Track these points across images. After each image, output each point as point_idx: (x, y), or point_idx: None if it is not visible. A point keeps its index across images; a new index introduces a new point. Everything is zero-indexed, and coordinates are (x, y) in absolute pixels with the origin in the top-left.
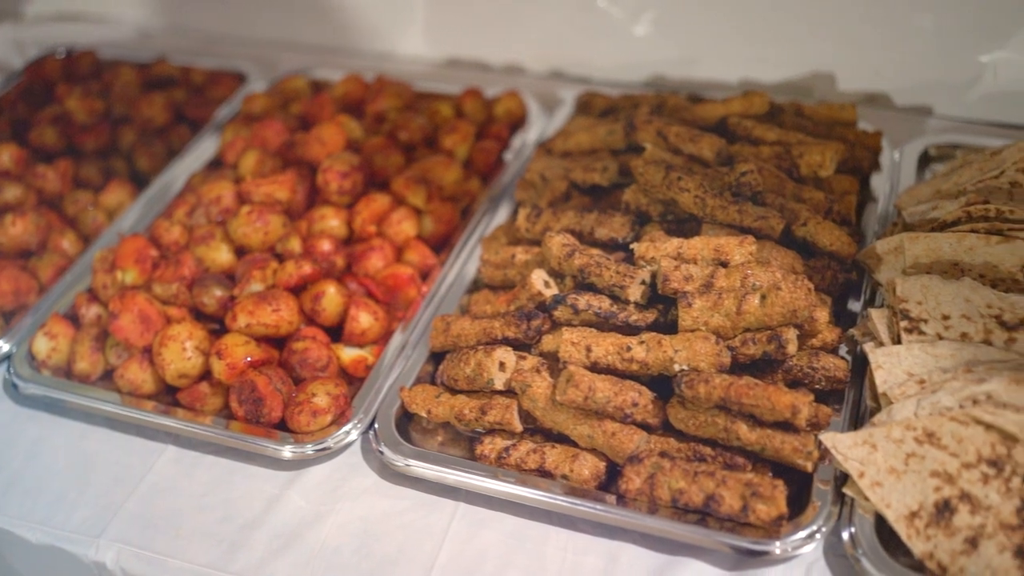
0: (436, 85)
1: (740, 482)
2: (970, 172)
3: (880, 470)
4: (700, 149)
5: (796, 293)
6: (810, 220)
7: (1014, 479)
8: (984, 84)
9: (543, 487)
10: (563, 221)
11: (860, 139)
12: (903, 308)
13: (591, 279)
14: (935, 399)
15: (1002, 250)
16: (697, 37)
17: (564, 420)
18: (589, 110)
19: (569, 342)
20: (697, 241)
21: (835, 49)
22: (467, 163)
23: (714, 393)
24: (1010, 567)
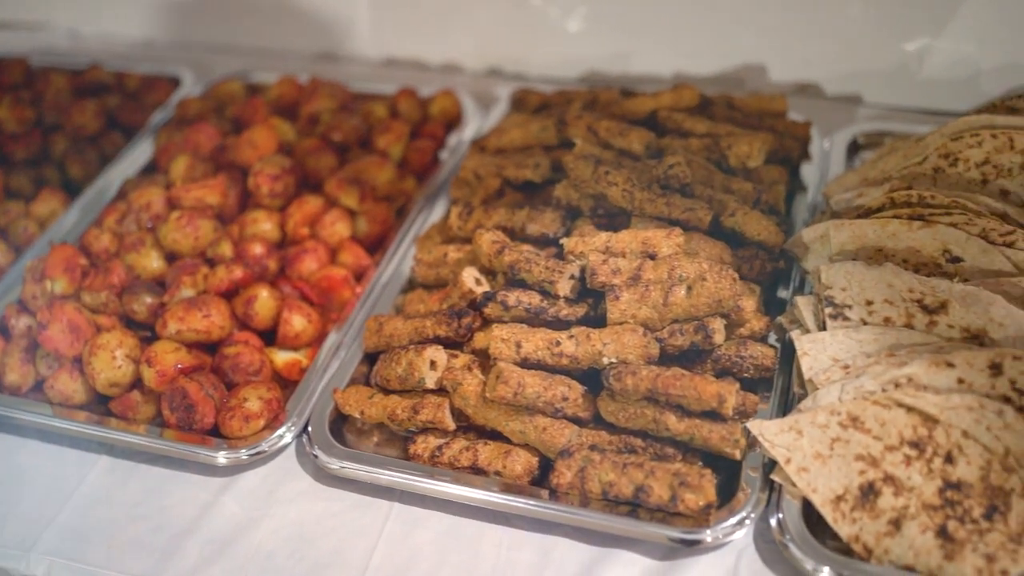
0: (372, 85)
1: (669, 472)
2: (895, 159)
3: (806, 455)
4: (629, 143)
5: (721, 283)
6: (738, 211)
7: (935, 460)
8: (911, 72)
9: (476, 484)
10: (495, 218)
11: (790, 129)
12: (828, 295)
13: (521, 275)
14: (858, 383)
15: (924, 235)
16: (630, 32)
17: (496, 417)
18: (523, 107)
19: (499, 339)
20: (625, 234)
21: (766, 40)
22: (402, 163)
23: (641, 385)
24: (932, 547)
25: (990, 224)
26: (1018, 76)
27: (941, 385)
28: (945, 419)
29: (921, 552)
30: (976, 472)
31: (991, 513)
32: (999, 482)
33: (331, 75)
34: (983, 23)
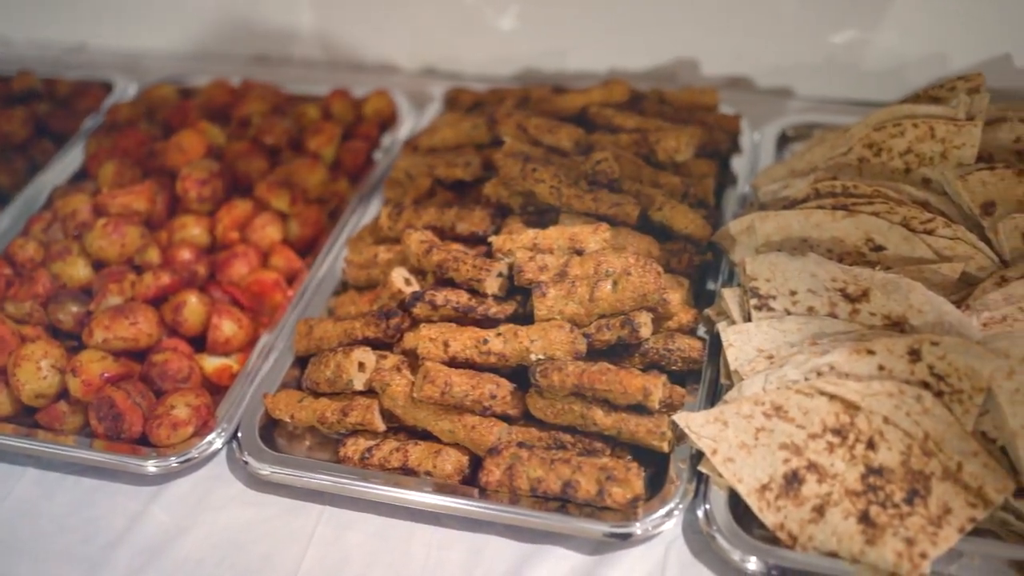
0: (307, 87)
1: (595, 467)
2: (822, 150)
3: (732, 446)
4: (558, 139)
5: (645, 277)
6: (665, 205)
7: (858, 446)
8: (840, 64)
9: (406, 485)
10: (424, 218)
11: (719, 123)
12: (753, 286)
13: (449, 274)
14: (782, 373)
15: (847, 224)
16: (564, 29)
17: (425, 416)
18: (457, 106)
19: (427, 338)
20: (553, 231)
21: (698, 35)
22: (335, 164)
23: (568, 380)
24: (854, 532)
25: (911, 212)
26: (943, 66)
27: (862, 372)
28: (866, 406)
29: (843, 538)
30: (897, 457)
31: (912, 497)
32: (919, 466)
33: (268, 78)
34: (909, 15)
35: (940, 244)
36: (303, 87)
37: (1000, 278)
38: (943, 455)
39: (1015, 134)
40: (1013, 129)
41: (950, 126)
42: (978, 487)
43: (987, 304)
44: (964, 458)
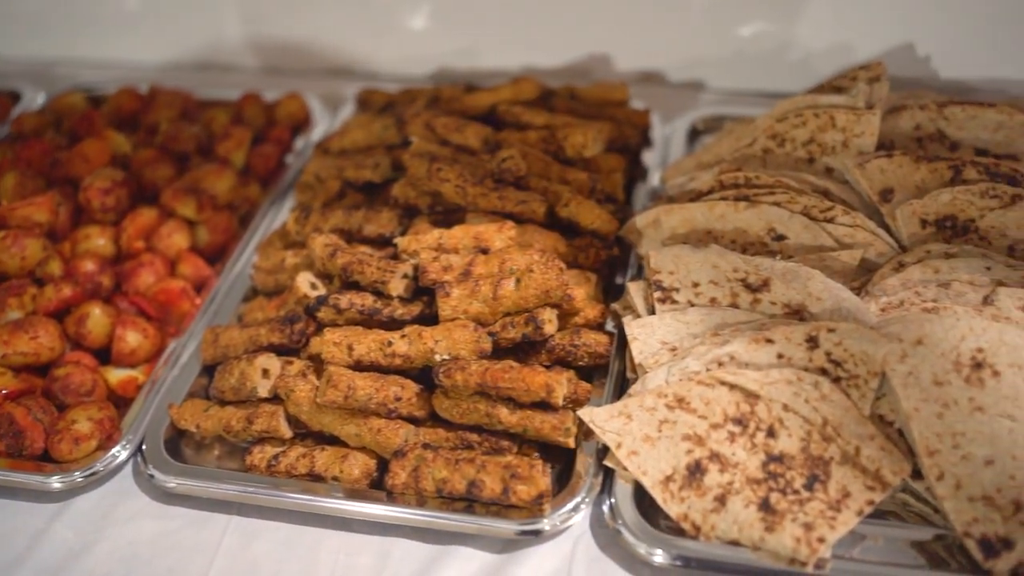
0: (220, 92)
1: (500, 465)
2: (728, 142)
3: (636, 439)
4: (466, 138)
5: (548, 274)
6: (572, 201)
7: (758, 434)
8: (748, 56)
9: (313, 491)
10: (332, 221)
11: (629, 117)
12: (656, 279)
13: (355, 277)
14: (683, 365)
15: (750, 215)
16: (476, 27)
17: (331, 421)
18: (369, 107)
19: (331, 342)
20: (458, 230)
21: (610, 30)
22: (246, 169)
23: (471, 380)
24: (754, 520)
25: (811, 201)
26: (849, 56)
27: (762, 361)
28: (766, 394)
29: (744, 526)
30: (797, 444)
31: (812, 483)
32: (819, 452)
33: (183, 83)
34: (815, 6)
35: (840, 232)
36: (215, 92)
37: (898, 263)
38: (841, 440)
39: (915, 122)
40: (913, 117)
41: (850, 115)
42: (876, 470)
43: (885, 289)
44: (862, 442)
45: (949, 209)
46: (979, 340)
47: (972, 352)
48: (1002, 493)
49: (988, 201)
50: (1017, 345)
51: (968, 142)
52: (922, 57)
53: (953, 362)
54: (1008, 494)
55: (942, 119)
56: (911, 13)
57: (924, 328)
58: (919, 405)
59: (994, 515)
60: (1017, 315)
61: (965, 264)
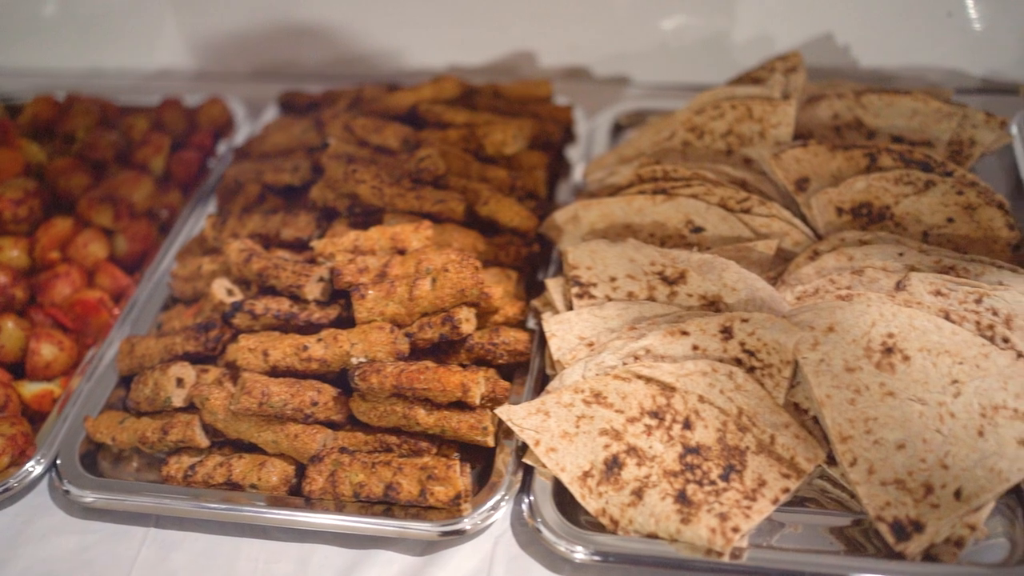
0: (142, 98)
1: (417, 467)
2: (648, 136)
3: (554, 436)
4: (385, 139)
5: (463, 273)
6: (491, 199)
7: (675, 427)
8: (671, 49)
9: (230, 500)
10: (249, 226)
11: (552, 114)
12: (574, 275)
13: (271, 282)
14: (600, 360)
15: (667, 208)
16: (401, 26)
17: (247, 428)
18: (292, 109)
19: (246, 348)
20: (374, 231)
21: (534, 27)
22: (167, 176)
23: (387, 382)
24: (670, 512)
25: (728, 193)
26: (770, 47)
27: (677, 353)
28: (681, 386)
29: (661, 519)
30: (713, 435)
31: (728, 473)
32: (735, 442)
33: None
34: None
35: (757, 222)
36: (136, 98)
37: (813, 252)
38: (757, 429)
39: (832, 111)
40: (831, 106)
41: (766, 106)
42: (790, 458)
43: (800, 278)
44: (777, 431)
45: (864, 196)
46: (889, 325)
47: (883, 338)
48: (913, 476)
49: (903, 188)
50: (926, 329)
51: (885, 130)
52: (842, 46)
53: (864, 348)
54: (919, 477)
55: (859, 107)
56: (831, 3)
57: (835, 315)
58: (831, 392)
59: (906, 498)
60: (929, 299)
61: (878, 251)
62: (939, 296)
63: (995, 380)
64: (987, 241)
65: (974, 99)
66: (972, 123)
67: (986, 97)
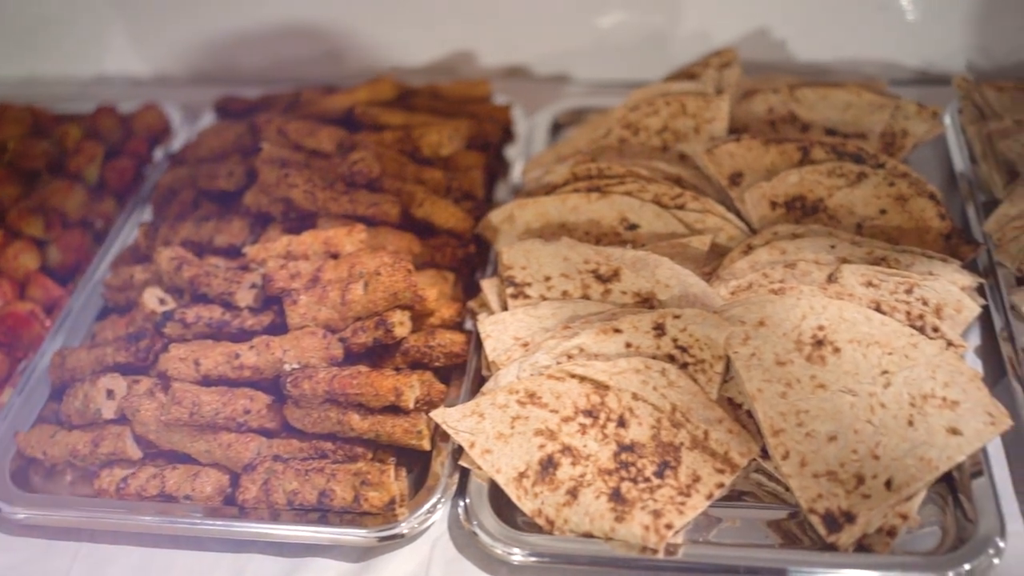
0: (77, 105)
1: (350, 473)
2: (584, 134)
3: (489, 437)
4: (319, 142)
5: (395, 276)
6: (426, 200)
7: (609, 425)
8: (609, 47)
9: (164, 512)
10: (182, 233)
11: (490, 113)
12: (509, 275)
13: (203, 289)
14: (534, 360)
15: (602, 205)
16: (341, 27)
17: (180, 439)
18: (228, 114)
19: (176, 358)
20: (307, 236)
21: (473, 26)
22: (102, 184)
23: (319, 388)
24: (604, 510)
25: (662, 189)
26: (708, 42)
27: (610, 351)
28: (615, 384)
29: (595, 517)
30: (647, 432)
31: (663, 470)
32: (669, 438)
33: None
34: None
35: (691, 218)
36: (72, 106)
37: (747, 246)
38: (691, 425)
39: (767, 105)
40: (766, 100)
41: (700, 101)
42: (724, 453)
43: (734, 273)
44: (710, 426)
45: (797, 190)
46: (820, 318)
47: (813, 330)
48: (845, 468)
49: (835, 180)
50: (856, 321)
51: (819, 123)
52: (779, 41)
53: (795, 341)
54: (850, 468)
55: (794, 101)
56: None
57: (766, 309)
58: (762, 386)
59: (837, 490)
60: (860, 291)
61: (811, 244)
62: (870, 287)
63: (924, 370)
64: (919, 231)
65: (909, 90)
66: (904, 114)
67: (921, 88)
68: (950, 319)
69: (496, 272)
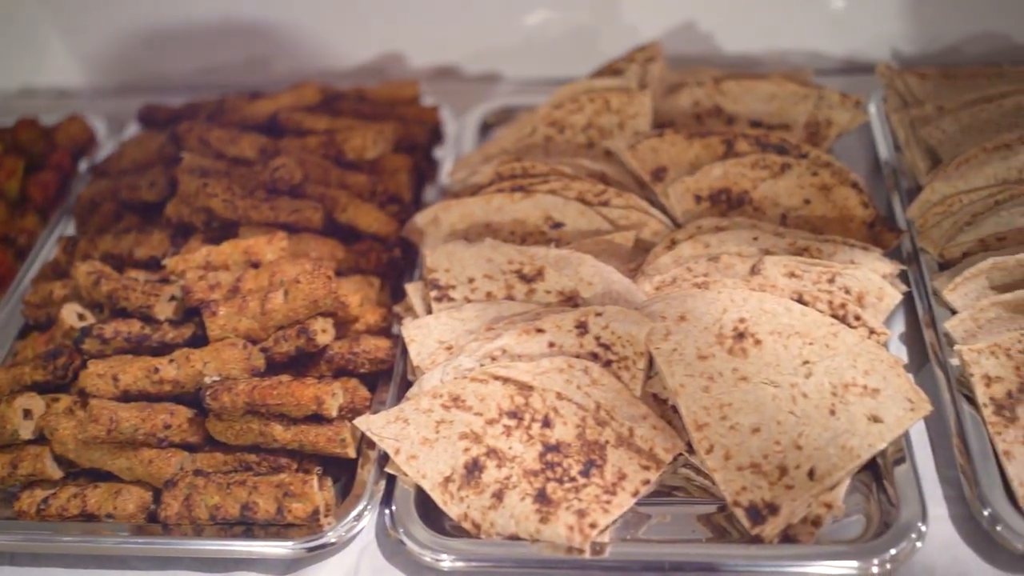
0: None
1: (272, 485)
2: (510, 133)
3: (414, 443)
4: (241, 149)
5: (315, 283)
6: (350, 205)
7: (534, 426)
8: (537, 44)
9: (87, 532)
10: (102, 247)
11: (418, 115)
12: (432, 278)
13: (121, 304)
14: (457, 363)
15: (526, 205)
16: (266, 33)
17: (100, 457)
18: (153, 123)
19: (94, 374)
20: (226, 246)
21: (402, 27)
22: (23, 199)
23: (239, 400)
24: (529, 512)
25: (585, 186)
26: (635, 37)
27: (534, 352)
28: (539, 384)
29: (521, 519)
30: (573, 431)
31: (588, 468)
32: (594, 437)
33: None
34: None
35: (615, 215)
36: None
37: (671, 241)
38: (616, 423)
39: (693, 98)
40: (691, 94)
41: (623, 97)
42: (649, 449)
43: (659, 268)
44: (635, 423)
45: (722, 183)
46: (740, 311)
47: (734, 323)
48: (768, 459)
49: (759, 172)
50: (777, 312)
51: (744, 115)
52: (706, 33)
53: (716, 335)
54: (774, 460)
55: (719, 94)
56: None
57: (687, 304)
58: (684, 381)
59: (761, 482)
60: (783, 282)
61: (734, 236)
62: (793, 278)
63: (844, 358)
64: (843, 220)
65: (835, 80)
66: (828, 104)
67: (847, 77)
68: (872, 307)
69: (422, 275)
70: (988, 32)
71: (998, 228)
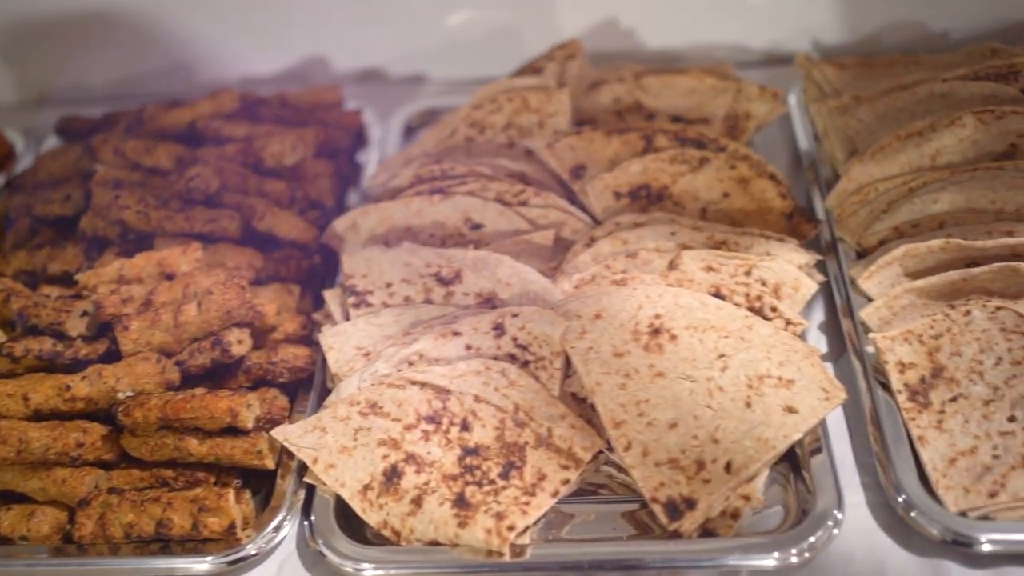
0: None
1: (187, 500)
2: (432, 135)
3: (332, 451)
4: (157, 160)
5: (227, 294)
6: (267, 213)
7: (452, 430)
8: (460, 44)
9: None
10: (14, 264)
11: (340, 119)
12: (349, 284)
13: (32, 321)
14: (374, 369)
15: (445, 207)
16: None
17: (12, 478)
18: (71, 135)
19: (4, 395)
20: (139, 259)
21: (324, 31)
22: None
23: (152, 415)
24: (448, 517)
25: (503, 187)
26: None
27: (451, 355)
28: (456, 388)
29: (440, 525)
30: (492, 433)
31: (508, 471)
32: (513, 438)
33: None
34: None
35: (534, 214)
36: None
37: (589, 239)
38: (534, 423)
39: (614, 95)
40: (612, 91)
41: (541, 95)
42: (568, 449)
43: (578, 266)
44: (553, 423)
45: (641, 179)
46: (656, 307)
47: (650, 319)
48: (686, 454)
49: (678, 167)
50: (692, 307)
51: (664, 110)
52: (628, 29)
53: (632, 332)
54: (691, 454)
55: (639, 90)
56: None
57: (602, 302)
58: (601, 379)
59: (679, 477)
60: (701, 276)
61: (652, 232)
62: (711, 272)
63: (759, 351)
64: (762, 212)
65: (758, 73)
66: (747, 97)
67: (769, 69)
68: (788, 298)
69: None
70: (907, 21)
71: (911, 215)
